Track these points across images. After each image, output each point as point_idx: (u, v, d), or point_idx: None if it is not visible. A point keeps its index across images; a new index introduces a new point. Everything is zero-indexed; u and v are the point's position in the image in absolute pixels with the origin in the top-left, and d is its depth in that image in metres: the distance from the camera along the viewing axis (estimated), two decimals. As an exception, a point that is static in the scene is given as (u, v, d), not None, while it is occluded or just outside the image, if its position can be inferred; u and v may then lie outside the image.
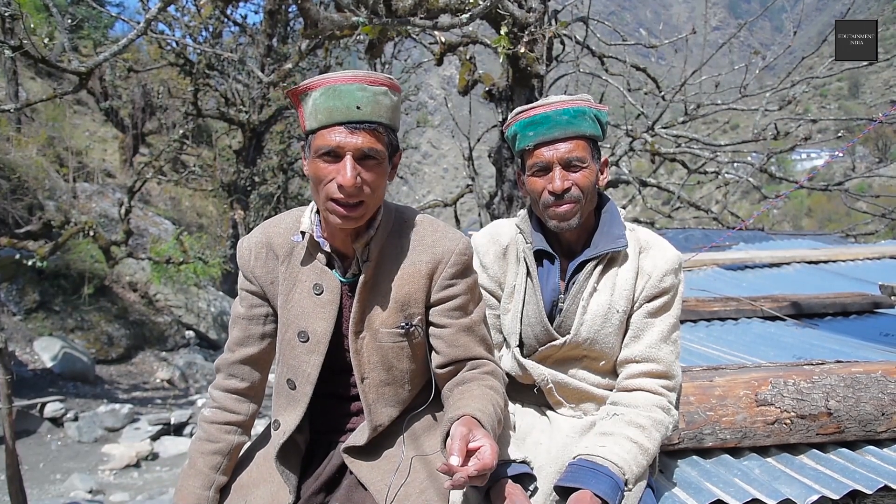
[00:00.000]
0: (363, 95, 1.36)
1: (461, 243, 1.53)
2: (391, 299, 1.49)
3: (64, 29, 4.17)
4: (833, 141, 8.77)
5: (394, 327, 1.50)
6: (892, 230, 11.94)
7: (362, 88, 1.37)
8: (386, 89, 1.40)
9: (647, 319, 1.61)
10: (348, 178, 1.35)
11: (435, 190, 72.56)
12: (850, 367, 2.01)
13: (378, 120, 1.38)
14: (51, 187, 13.40)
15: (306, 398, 1.52)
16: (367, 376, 1.51)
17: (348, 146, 1.36)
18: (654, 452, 1.53)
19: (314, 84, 1.39)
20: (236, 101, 14.07)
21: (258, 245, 1.57)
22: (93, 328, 12.20)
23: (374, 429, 1.51)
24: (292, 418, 1.53)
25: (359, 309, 1.49)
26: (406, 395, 1.56)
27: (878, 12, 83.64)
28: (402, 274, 1.50)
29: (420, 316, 1.52)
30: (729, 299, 4.03)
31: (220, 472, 1.59)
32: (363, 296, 1.49)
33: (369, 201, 1.41)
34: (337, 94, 1.36)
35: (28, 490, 5.17)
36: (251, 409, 1.64)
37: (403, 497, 1.44)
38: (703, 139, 7.26)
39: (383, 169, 1.42)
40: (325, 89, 1.38)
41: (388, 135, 1.41)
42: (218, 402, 1.62)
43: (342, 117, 1.36)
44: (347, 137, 1.36)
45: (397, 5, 3.87)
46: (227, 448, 1.60)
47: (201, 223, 18.64)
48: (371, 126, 1.37)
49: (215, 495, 1.58)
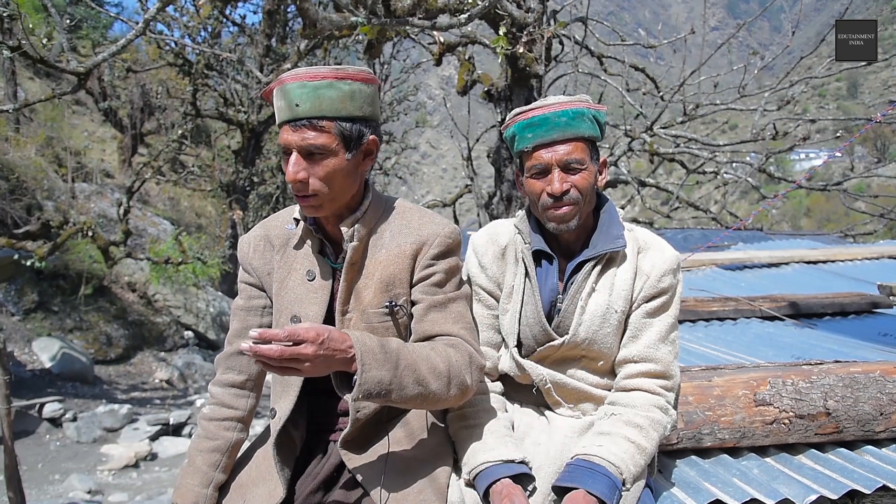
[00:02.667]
0: (302, 93, 1.40)
1: (447, 228, 1.56)
2: (377, 280, 1.52)
3: (62, 29, 4.17)
4: (831, 141, 8.77)
5: (379, 307, 1.52)
6: (891, 230, 11.96)
7: (302, 86, 1.41)
8: (329, 82, 1.41)
9: (646, 319, 1.61)
10: (289, 174, 1.42)
11: (434, 190, 72.56)
12: (849, 367, 2.01)
13: (319, 115, 1.40)
14: (49, 187, 13.38)
15: (299, 382, 1.55)
16: None
17: (292, 143, 1.42)
18: (652, 452, 1.53)
19: (273, 86, 1.46)
20: (235, 101, 14.05)
21: (257, 239, 1.64)
22: (91, 328, 12.18)
23: (356, 410, 1.51)
24: (286, 404, 1.56)
25: (345, 288, 1.53)
26: None
27: (877, 12, 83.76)
28: (387, 255, 1.53)
29: (405, 297, 1.54)
30: (727, 299, 4.03)
31: (218, 470, 1.60)
32: (350, 276, 1.53)
33: (322, 193, 1.45)
34: (282, 94, 1.43)
35: (27, 490, 5.16)
36: (249, 404, 1.66)
37: (401, 497, 1.44)
38: (702, 139, 7.26)
39: (337, 160, 1.44)
40: (277, 90, 1.45)
41: (337, 125, 1.42)
42: (216, 398, 1.64)
43: (285, 116, 1.42)
44: (291, 135, 1.42)
45: (396, 5, 3.87)
46: (225, 445, 1.61)
47: (200, 223, 18.63)
48: (310, 122, 1.40)
49: (214, 493, 1.59)
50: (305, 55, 4.99)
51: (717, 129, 11.77)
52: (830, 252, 6.06)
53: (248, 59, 12.47)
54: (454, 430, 1.60)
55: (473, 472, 1.47)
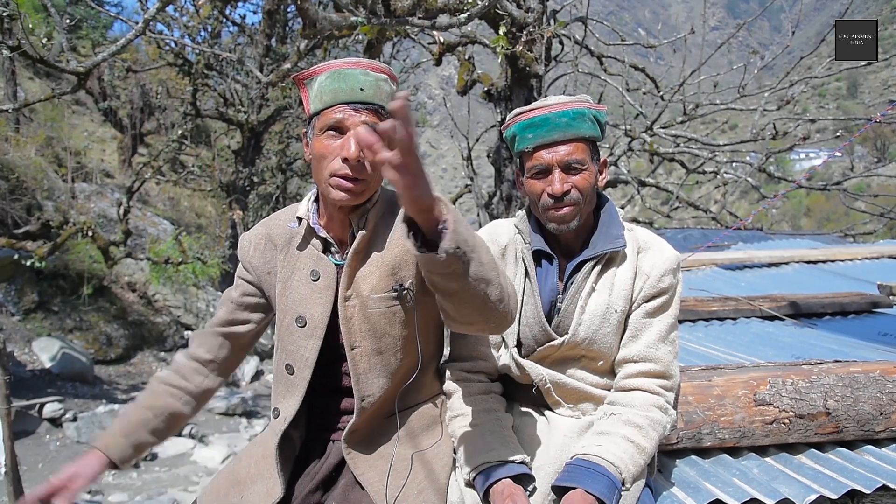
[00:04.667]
0: (366, 79, 1.44)
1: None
2: (381, 265, 1.52)
3: (62, 29, 4.17)
4: (831, 141, 8.78)
5: (385, 292, 1.51)
6: (891, 230, 11.96)
7: (365, 73, 1.45)
8: (387, 77, 1.49)
9: (646, 319, 1.61)
10: (353, 152, 1.40)
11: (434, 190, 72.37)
12: (849, 367, 2.01)
13: (380, 102, 1.45)
14: (49, 187, 13.38)
15: (305, 382, 1.54)
16: (357, 345, 1.52)
17: (352, 123, 1.42)
18: (652, 452, 1.53)
19: (320, 69, 1.48)
20: (235, 101, 14.04)
21: (258, 237, 1.64)
22: (91, 328, 12.18)
23: (361, 398, 1.51)
24: (291, 404, 1.55)
25: (349, 274, 1.52)
26: (396, 364, 1.55)
27: (877, 12, 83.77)
28: (391, 241, 1.53)
29: (412, 280, 1.53)
30: (727, 299, 4.03)
31: (146, 430, 1.59)
32: (354, 263, 1.52)
33: (371, 179, 1.45)
34: (342, 77, 1.44)
35: (27, 490, 5.16)
36: (205, 384, 1.67)
37: (401, 497, 1.44)
38: (702, 139, 7.26)
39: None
40: (330, 73, 1.46)
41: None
42: (176, 365, 1.67)
43: (346, 97, 1.43)
44: (352, 115, 1.43)
45: (396, 5, 3.87)
46: (163, 410, 1.61)
47: (200, 223, 18.62)
48: (374, 107, 1.44)
49: (131, 451, 1.57)
50: (305, 55, 4.98)
51: (717, 128, 11.79)
52: (830, 252, 6.06)
53: (247, 59, 12.46)
54: (454, 430, 1.60)
55: (473, 472, 1.47)
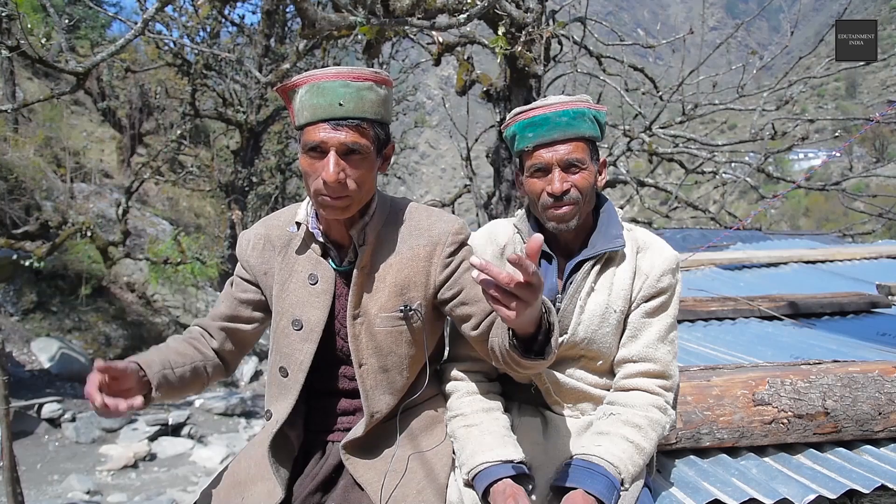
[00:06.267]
0: (346, 92, 1.38)
1: (456, 224, 1.57)
2: (389, 284, 1.52)
3: (61, 29, 4.16)
4: (830, 141, 8.79)
5: (392, 311, 1.51)
6: (890, 230, 11.97)
7: (345, 85, 1.39)
8: (371, 84, 1.41)
9: (645, 319, 1.61)
10: (331, 174, 1.37)
11: (433, 190, 72.52)
12: (848, 367, 2.01)
13: (361, 115, 1.40)
14: (48, 188, 13.36)
15: (298, 385, 1.54)
16: (364, 362, 1.53)
17: (331, 142, 1.39)
18: (651, 452, 1.53)
19: (300, 81, 1.42)
20: (234, 101, 14.03)
21: (256, 236, 1.63)
22: (90, 329, 12.17)
23: (370, 415, 1.51)
24: (284, 407, 1.55)
25: (356, 293, 1.51)
26: (403, 382, 1.57)
27: (876, 12, 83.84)
28: (399, 259, 1.53)
29: (420, 301, 1.53)
30: (726, 299, 4.03)
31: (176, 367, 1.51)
32: (360, 280, 1.52)
33: (355, 195, 1.43)
34: (320, 92, 1.39)
35: (25, 491, 5.16)
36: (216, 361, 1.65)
37: (401, 497, 1.44)
38: (701, 139, 7.27)
39: (370, 162, 1.44)
40: (309, 87, 1.40)
41: (374, 129, 1.42)
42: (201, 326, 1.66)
43: (325, 114, 1.38)
44: (331, 133, 1.38)
45: (395, 5, 3.87)
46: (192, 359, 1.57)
47: (199, 223, 18.61)
48: (354, 122, 1.39)
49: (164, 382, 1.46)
50: (304, 55, 4.98)
51: (716, 128, 11.79)
52: (829, 252, 6.07)
53: (246, 60, 12.45)
54: (453, 430, 1.60)
55: (472, 472, 1.47)
